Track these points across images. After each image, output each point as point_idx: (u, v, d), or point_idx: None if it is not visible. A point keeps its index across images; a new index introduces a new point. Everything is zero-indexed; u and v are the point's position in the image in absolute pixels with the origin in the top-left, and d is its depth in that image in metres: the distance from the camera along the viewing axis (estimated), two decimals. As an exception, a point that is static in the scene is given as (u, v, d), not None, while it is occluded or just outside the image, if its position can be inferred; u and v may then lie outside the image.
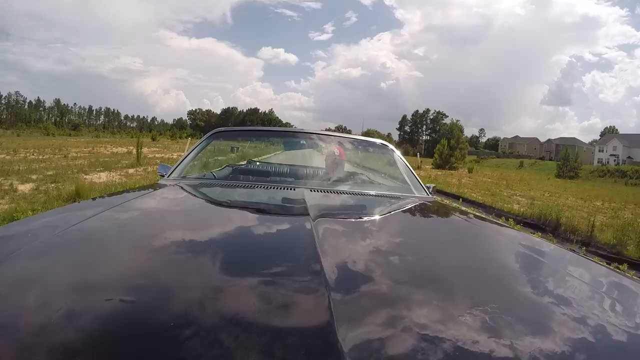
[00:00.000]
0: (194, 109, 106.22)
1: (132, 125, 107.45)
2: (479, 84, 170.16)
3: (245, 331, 0.46)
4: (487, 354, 0.47)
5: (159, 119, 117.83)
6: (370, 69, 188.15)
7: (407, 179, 1.90)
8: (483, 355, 0.47)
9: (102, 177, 8.18)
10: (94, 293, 0.56)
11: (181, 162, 1.82)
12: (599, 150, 59.60)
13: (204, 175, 1.89)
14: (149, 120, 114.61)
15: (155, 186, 1.47)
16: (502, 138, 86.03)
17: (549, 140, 69.98)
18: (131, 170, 9.76)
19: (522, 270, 0.89)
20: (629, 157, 53.70)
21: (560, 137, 70.78)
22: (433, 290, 0.68)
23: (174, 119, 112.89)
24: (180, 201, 1.32)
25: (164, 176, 1.77)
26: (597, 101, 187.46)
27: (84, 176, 7.91)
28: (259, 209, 1.27)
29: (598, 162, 54.20)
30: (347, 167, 2.10)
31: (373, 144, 2.27)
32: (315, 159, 2.37)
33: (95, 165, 10.31)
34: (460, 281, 0.73)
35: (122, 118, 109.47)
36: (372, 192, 1.66)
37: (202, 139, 2.07)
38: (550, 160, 56.29)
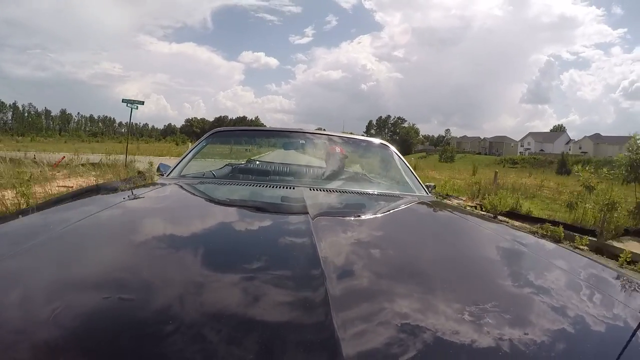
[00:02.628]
0: (190, 117, 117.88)
1: (123, 130, 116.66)
2: (459, 84, 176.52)
3: (244, 329, 0.47)
4: (490, 348, 0.48)
5: (142, 124, 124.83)
6: (351, 71, 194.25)
7: (407, 178, 1.91)
8: (485, 348, 0.48)
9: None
10: (93, 292, 0.55)
11: (181, 161, 1.84)
12: (520, 145, 76.52)
13: (204, 174, 1.86)
14: (140, 126, 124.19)
15: (154, 185, 1.45)
16: (451, 137, 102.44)
17: (484, 139, 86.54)
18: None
19: (521, 268, 0.89)
20: (541, 150, 70.13)
21: (494, 136, 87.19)
22: (432, 287, 0.68)
23: (164, 125, 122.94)
24: (179, 199, 1.33)
25: (163, 175, 1.80)
26: (576, 99, 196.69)
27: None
28: (258, 208, 1.27)
29: (520, 154, 70.78)
30: (346, 166, 2.12)
31: (372, 143, 2.31)
32: (314, 158, 2.34)
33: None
34: (460, 279, 0.73)
35: (117, 125, 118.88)
36: (371, 191, 1.65)
37: (201, 139, 2.10)
38: (485, 154, 72.17)
